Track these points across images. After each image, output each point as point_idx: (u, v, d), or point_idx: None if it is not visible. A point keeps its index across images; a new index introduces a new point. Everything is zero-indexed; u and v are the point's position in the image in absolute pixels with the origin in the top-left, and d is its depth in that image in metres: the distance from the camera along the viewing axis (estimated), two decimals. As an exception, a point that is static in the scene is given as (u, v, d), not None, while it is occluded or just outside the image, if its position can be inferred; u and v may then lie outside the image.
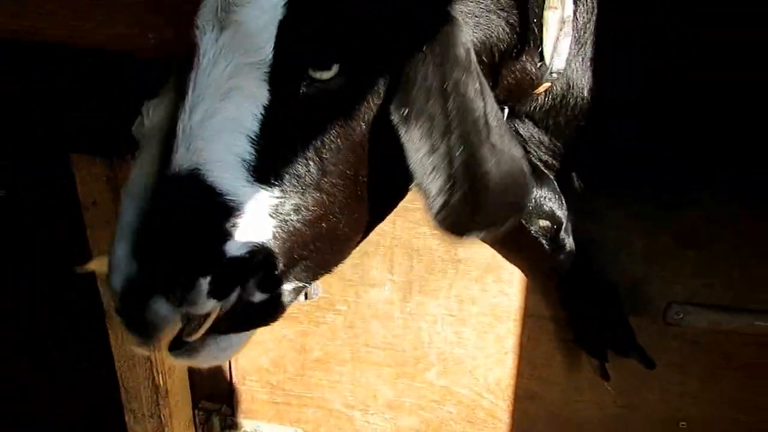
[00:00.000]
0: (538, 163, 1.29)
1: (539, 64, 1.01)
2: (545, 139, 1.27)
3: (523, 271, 1.47)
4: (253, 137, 0.82)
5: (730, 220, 1.36)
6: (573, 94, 1.11)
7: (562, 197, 1.26)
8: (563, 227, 1.25)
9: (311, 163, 0.84)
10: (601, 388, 1.56)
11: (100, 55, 1.39)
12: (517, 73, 0.98)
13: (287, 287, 0.92)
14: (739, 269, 1.38)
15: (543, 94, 1.11)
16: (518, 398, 1.64)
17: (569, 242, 1.28)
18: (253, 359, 1.75)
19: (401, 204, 1.14)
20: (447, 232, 0.82)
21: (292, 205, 0.85)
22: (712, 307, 1.41)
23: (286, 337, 1.70)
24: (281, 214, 0.84)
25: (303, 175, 0.84)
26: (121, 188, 1.36)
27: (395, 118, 0.80)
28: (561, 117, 1.11)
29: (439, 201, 0.80)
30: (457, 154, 0.79)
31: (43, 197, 1.61)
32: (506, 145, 0.83)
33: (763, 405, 1.50)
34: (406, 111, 0.80)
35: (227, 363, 1.77)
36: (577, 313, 1.42)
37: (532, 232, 1.26)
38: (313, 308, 1.65)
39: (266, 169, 0.83)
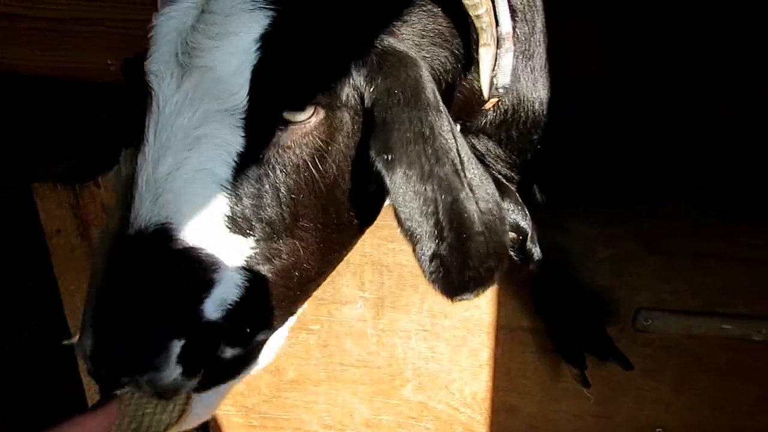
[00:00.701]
0: (499, 176, 1.30)
1: (484, 76, 1.02)
2: (501, 152, 1.28)
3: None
4: (227, 186, 0.79)
5: (690, 228, 1.38)
6: (524, 107, 1.12)
7: (525, 208, 1.27)
8: (529, 237, 1.26)
9: (286, 208, 0.82)
10: (578, 397, 1.56)
11: (59, 84, 1.39)
12: (465, 92, 0.99)
13: (259, 338, 0.87)
14: (702, 275, 1.40)
15: (492, 109, 1.12)
16: (495, 411, 1.64)
17: (536, 251, 1.29)
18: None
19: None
20: (443, 293, 0.81)
21: (266, 254, 0.82)
22: (678, 312, 1.43)
23: (260, 359, 1.69)
24: (256, 264, 0.81)
25: (277, 222, 0.81)
26: (86, 215, 1.35)
27: (379, 163, 0.79)
28: (513, 130, 1.12)
29: (430, 248, 0.79)
30: (442, 197, 0.79)
31: (6, 227, 1.59)
32: (481, 180, 0.83)
33: (738, 408, 1.51)
34: (390, 156, 0.78)
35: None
36: (553, 321, 1.43)
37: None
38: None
39: (240, 218, 0.80)
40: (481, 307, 1.52)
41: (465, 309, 1.54)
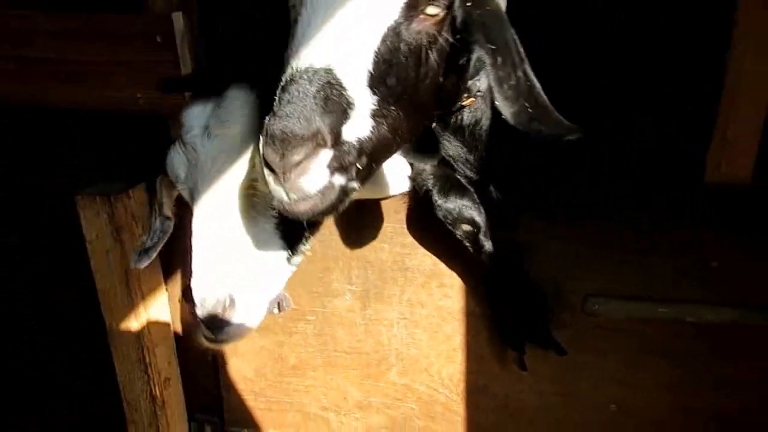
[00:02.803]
0: (462, 179, 1.56)
1: (469, 82, 1.29)
2: (470, 157, 1.55)
3: (458, 273, 1.71)
4: (371, 55, 1.00)
5: (631, 225, 1.60)
6: (488, 115, 1.38)
7: (481, 206, 1.52)
8: (482, 231, 1.50)
9: (401, 80, 1.04)
10: (541, 378, 1.78)
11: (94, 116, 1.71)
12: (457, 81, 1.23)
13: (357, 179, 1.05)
14: (641, 265, 1.61)
15: (468, 109, 1.38)
16: (469, 392, 1.85)
17: (488, 245, 1.53)
18: (237, 369, 1.98)
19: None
20: (527, 126, 1.03)
21: (381, 112, 1.03)
22: (621, 298, 1.64)
23: (265, 347, 1.94)
24: (373, 116, 1.02)
25: (393, 89, 1.03)
26: (119, 222, 1.65)
27: (483, 50, 1.02)
28: (478, 134, 1.38)
29: (514, 110, 1.03)
30: (525, 81, 1.03)
31: (53, 233, 1.89)
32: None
33: (681, 386, 1.70)
34: (493, 48, 1.03)
35: (216, 373, 2.01)
36: (499, 309, 1.66)
37: (458, 235, 1.51)
38: (286, 320, 1.89)
39: (376, 79, 1.00)
40: (452, 297, 1.76)
41: (439, 299, 1.77)
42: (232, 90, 1.26)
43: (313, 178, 0.94)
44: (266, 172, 0.96)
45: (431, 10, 1.01)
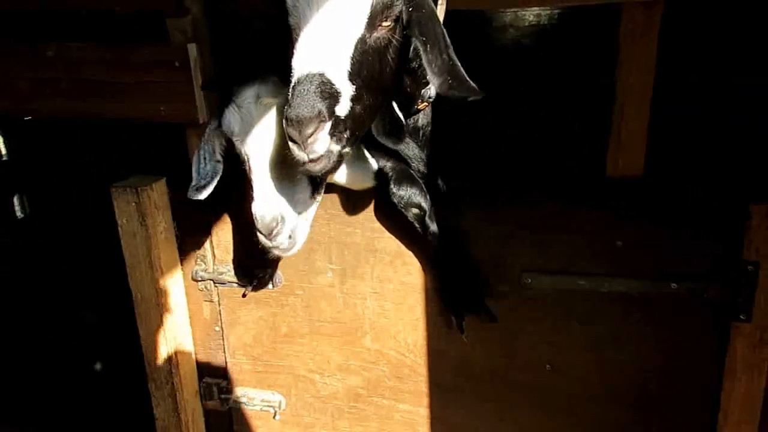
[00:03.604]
0: (415, 173, 1.95)
1: (424, 89, 1.70)
2: (422, 155, 1.94)
3: (414, 254, 2.09)
4: (349, 59, 1.35)
5: (552, 212, 1.97)
6: (434, 118, 1.77)
7: (427, 195, 1.90)
8: (427, 215, 1.88)
9: (368, 72, 1.39)
10: (488, 342, 2.13)
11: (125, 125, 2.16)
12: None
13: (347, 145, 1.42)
14: (563, 246, 1.97)
15: (422, 115, 1.78)
16: (431, 355, 2.21)
17: (433, 227, 1.90)
18: (239, 337, 2.37)
19: (335, 212, 1.83)
20: (447, 93, 1.40)
21: (356, 95, 1.37)
22: (548, 272, 2.00)
23: (262, 317, 2.33)
24: (351, 101, 1.36)
25: (364, 80, 1.38)
26: (144, 209, 2.06)
27: (418, 41, 1.41)
28: (428, 134, 1.76)
29: (439, 82, 1.40)
30: (449, 61, 1.40)
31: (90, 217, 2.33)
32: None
33: (602, 345, 2.03)
34: (424, 38, 1.41)
35: (221, 342, 2.40)
36: (443, 282, 2.02)
37: (408, 217, 1.89)
38: (279, 294, 2.27)
39: (351, 73, 1.35)
40: (413, 274, 2.12)
41: (403, 276, 2.14)
42: (276, 79, 1.69)
43: (321, 143, 1.34)
44: (290, 143, 1.36)
45: (385, 23, 1.42)
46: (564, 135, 1.97)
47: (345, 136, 1.38)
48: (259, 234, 1.60)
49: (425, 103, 1.73)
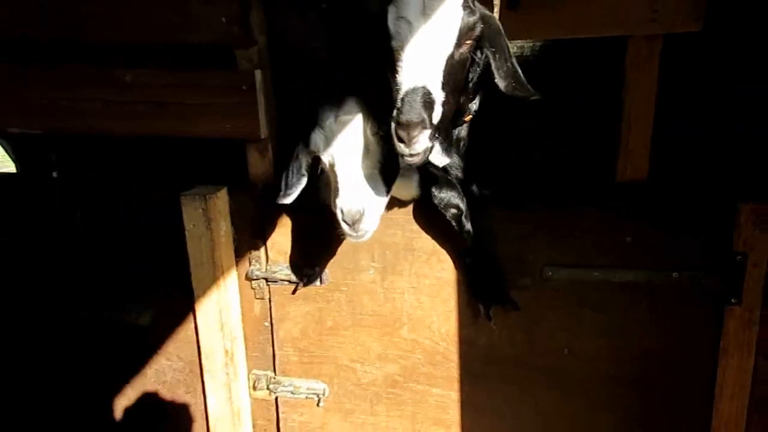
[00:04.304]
0: (453, 179, 2.25)
1: (470, 104, 2.02)
2: (461, 163, 2.26)
3: (447, 251, 2.38)
4: (441, 72, 1.68)
5: (572, 211, 2.28)
6: (473, 130, 2.10)
7: (464, 197, 2.21)
8: (464, 215, 2.19)
9: (456, 83, 1.75)
10: (513, 331, 2.41)
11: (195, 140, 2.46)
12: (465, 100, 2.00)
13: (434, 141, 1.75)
14: (579, 242, 2.27)
15: (464, 127, 2.11)
16: (461, 343, 2.49)
17: (468, 225, 2.21)
18: (288, 331, 2.64)
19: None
20: (512, 93, 1.79)
21: (445, 100, 1.70)
22: (566, 266, 2.30)
23: (309, 312, 2.60)
24: (442, 104, 1.69)
25: (451, 88, 1.72)
26: (210, 215, 2.35)
27: (489, 52, 1.79)
28: (468, 145, 2.09)
29: (505, 84, 1.79)
30: (513, 65, 1.79)
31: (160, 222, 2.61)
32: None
33: (613, 329, 2.32)
34: (494, 50, 1.79)
35: (269, 336, 2.66)
36: (473, 276, 2.32)
37: (447, 217, 2.20)
38: (325, 290, 2.55)
39: (444, 85, 1.68)
40: (447, 270, 2.42)
41: (437, 271, 2.43)
42: (348, 97, 2.01)
43: (422, 143, 1.68)
44: (397, 142, 1.69)
45: (468, 41, 1.77)
46: (579, 146, 2.30)
47: (435, 135, 1.72)
48: (342, 223, 1.91)
49: (470, 115, 2.06)
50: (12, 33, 2.40)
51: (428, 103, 1.66)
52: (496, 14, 1.89)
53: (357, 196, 1.91)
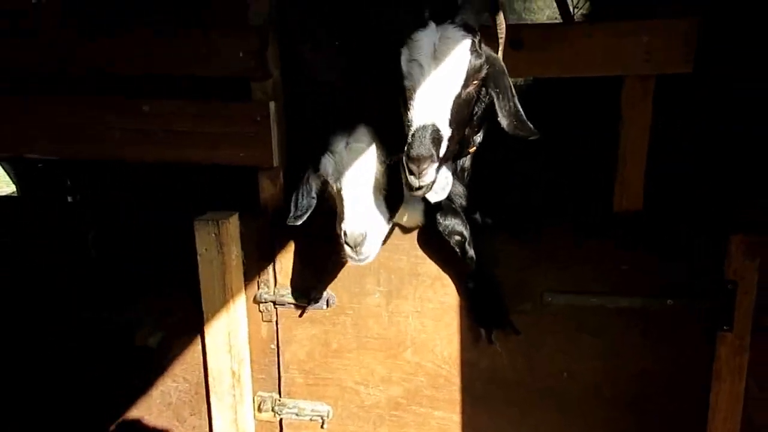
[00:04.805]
0: (458, 207, 2.36)
1: (475, 136, 2.13)
2: (465, 192, 2.36)
3: (451, 277, 2.48)
4: (449, 110, 1.82)
5: (571, 240, 2.39)
6: (477, 162, 2.21)
7: (468, 225, 2.31)
8: (467, 241, 2.29)
9: (462, 119, 1.89)
10: (514, 355, 2.50)
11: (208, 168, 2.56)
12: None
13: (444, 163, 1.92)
14: (578, 269, 2.38)
15: (468, 159, 2.22)
16: (463, 366, 2.56)
17: (471, 252, 2.31)
18: (294, 353, 2.71)
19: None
20: (513, 132, 1.91)
21: (451, 134, 1.83)
22: (565, 292, 2.40)
23: (315, 335, 2.67)
24: (447, 138, 1.82)
25: (456, 122, 1.85)
26: (222, 240, 2.44)
27: (493, 92, 1.93)
28: (471, 175, 2.20)
29: (507, 123, 1.90)
30: (515, 105, 1.91)
31: (173, 246, 2.69)
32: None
33: (610, 353, 2.41)
34: (498, 90, 1.92)
35: (275, 359, 2.72)
36: (475, 300, 2.41)
37: (452, 243, 2.29)
38: (331, 313, 2.63)
39: (450, 120, 1.81)
40: (451, 294, 2.50)
41: (441, 296, 2.52)
42: (359, 126, 2.13)
43: (430, 176, 1.80)
44: (408, 174, 1.80)
45: (475, 82, 1.90)
46: (578, 178, 2.42)
47: (440, 166, 1.84)
48: (345, 246, 2.00)
49: (475, 147, 2.17)
50: (45, 67, 2.51)
51: (437, 140, 1.79)
52: (500, 54, 2.01)
53: (361, 220, 2.01)
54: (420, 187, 1.80)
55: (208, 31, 2.36)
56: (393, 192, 2.11)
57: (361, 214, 2.02)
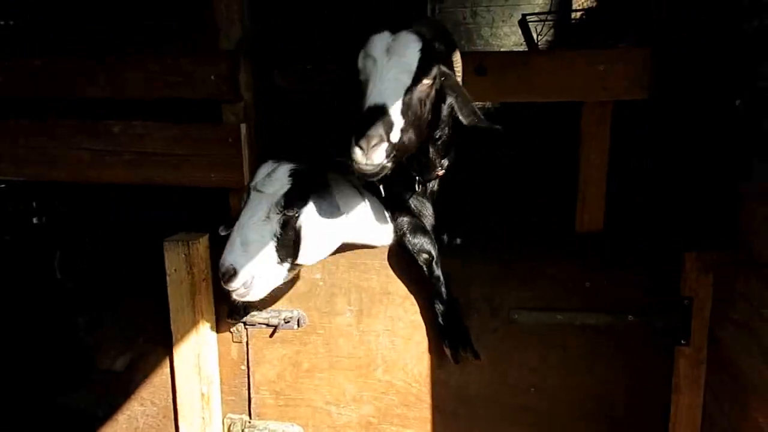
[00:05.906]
0: (427, 226, 2.41)
1: (442, 160, 2.19)
2: (434, 214, 2.42)
3: (418, 296, 2.52)
4: (401, 100, 1.89)
5: (537, 259, 2.46)
6: (444, 185, 2.27)
7: (435, 244, 2.36)
8: (434, 261, 2.34)
9: (413, 113, 1.95)
10: (481, 371, 2.54)
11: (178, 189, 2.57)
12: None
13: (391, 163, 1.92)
14: (544, 287, 2.45)
15: (437, 182, 2.27)
16: (434, 384, 2.60)
17: (437, 272, 2.36)
18: (264, 374, 2.70)
19: (356, 262, 2.26)
20: (473, 125, 2.01)
21: (405, 128, 1.90)
22: (532, 309, 2.47)
23: (286, 355, 2.68)
24: (401, 132, 1.89)
25: (409, 117, 1.92)
26: (192, 261, 2.44)
27: (450, 96, 2.05)
28: (439, 197, 2.26)
29: (468, 120, 2.00)
30: (472, 108, 2.01)
31: (141, 267, 2.67)
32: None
33: (576, 370, 2.48)
34: (455, 94, 2.04)
35: (245, 380, 2.72)
36: (439, 320, 2.45)
37: (420, 262, 2.34)
38: (302, 333, 2.65)
39: (403, 113, 1.89)
40: (420, 313, 2.55)
41: (411, 315, 2.56)
42: (280, 166, 2.18)
43: (379, 154, 1.85)
44: (356, 150, 1.84)
45: (426, 80, 1.99)
46: (542, 200, 2.51)
47: (392, 155, 1.90)
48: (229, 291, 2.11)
49: (443, 171, 2.23)
50: (13, 92, 2.50)
51: (386, 121, 1.86)
52: (459, 80, 2.11)
53: (234, 257, 2.06)
54: (368, 166, 1.85)
55: (179, 58, 2.38)
56: (286, 240, 2.15)
57: (238, 252, 2.07)
